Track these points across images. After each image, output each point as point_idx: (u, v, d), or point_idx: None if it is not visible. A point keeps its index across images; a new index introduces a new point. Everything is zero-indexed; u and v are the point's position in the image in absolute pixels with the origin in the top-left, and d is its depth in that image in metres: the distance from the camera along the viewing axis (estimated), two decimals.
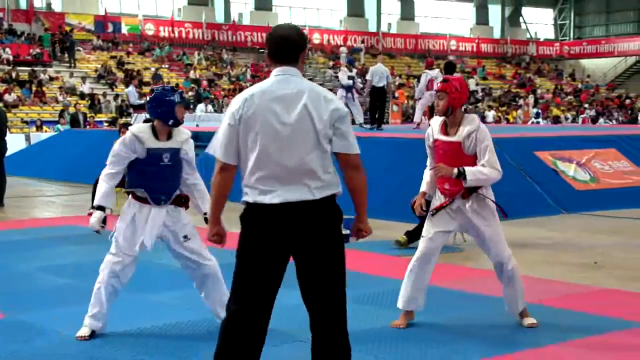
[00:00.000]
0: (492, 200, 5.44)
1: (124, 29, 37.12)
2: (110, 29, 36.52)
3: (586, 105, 41.70)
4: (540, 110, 36.42)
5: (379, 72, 15.75)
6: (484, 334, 5.36)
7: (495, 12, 50.43)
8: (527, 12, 52.78)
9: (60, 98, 29.62)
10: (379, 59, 16.81)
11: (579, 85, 46.39)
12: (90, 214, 5.81)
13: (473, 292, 6.64)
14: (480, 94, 39.90)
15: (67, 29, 34.66)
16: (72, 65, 32.94)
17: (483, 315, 5.83)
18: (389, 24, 46.63)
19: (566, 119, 38.00)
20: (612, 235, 10.02)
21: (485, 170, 5.27)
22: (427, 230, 5.59)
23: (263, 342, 3.72)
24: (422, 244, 5.60)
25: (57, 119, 26.99)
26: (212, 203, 3.87)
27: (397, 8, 46.94)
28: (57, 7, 36.85)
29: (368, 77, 15.78)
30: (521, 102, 38.19)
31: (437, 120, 5.59)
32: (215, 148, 3.76)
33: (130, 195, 5.55)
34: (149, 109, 5.44)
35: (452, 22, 49.49)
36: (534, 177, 12.35)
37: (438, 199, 5.54)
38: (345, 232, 3.88)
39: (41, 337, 5.35)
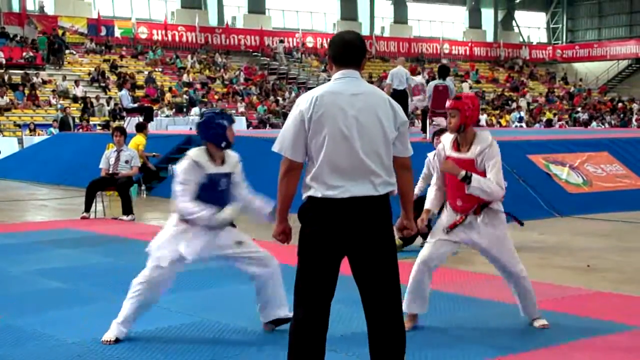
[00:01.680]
0: (507, 213, 5.48)
1: (117, 32, 37.08)
2: (103, 32, 36.49)
3: (579, 109, 41.83)
4: (522, 114, 36.40)
5: (399, 75, 15.68)
6: (480, 337, 5.37)
7: (488, 16, 50.56)
8: (520, 15, 52.92)
9: (54, 101, 29.56)
10: (399, 61, 16.71)
11: (572, 89, 46.52)
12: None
13: (468, 295, 6.64)
14: None
15: (60, 31, 34.62)
16: (59, 67, 32.83)
17: (478, 319, 5.83)
18: (382, 28, 46.70)
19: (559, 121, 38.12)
20: (605, 238, 10.04)
21: (491, 185, 5.28)
22: (433, 235, 5.61)
23: (325, 343, 3.87)
24: (425, 249, 5.60)
25: (50, 122, 26.94)
26: (280, 201, 3.94)
27: (390, 11, 47.01)
28: (49, 10, 36.79)
29: (388, 80, 15.70)
30: (514, 105, 38.29)
31: (448, 137, 5.60)
32: (284, 147, 3.83)
33: (176, 219, 5.50)
34: (201, 132, 5.51)
35: (445, 26, 49.60)
36: (527, 180, 12.38)
37: (449, 216, 5.53)
38: None
39: (33, 341, 5.33)
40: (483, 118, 34.76)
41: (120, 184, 12.08)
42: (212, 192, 5.33)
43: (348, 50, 3.87)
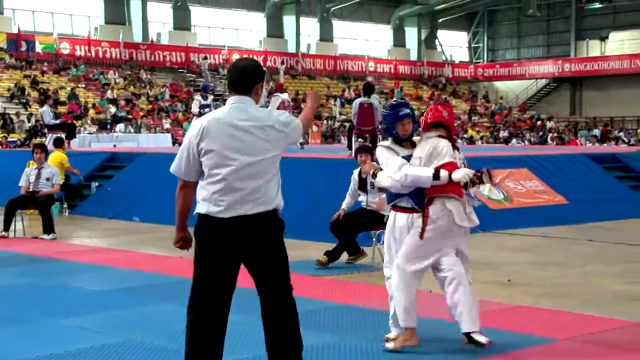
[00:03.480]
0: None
1: (38, 48, 36.26)
2: (23, 47, 35.61)
3: (500, 127, 42.83)
4: None
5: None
6: (401, 352, 5.41)
7: (411, 35, 51.40)
8: (443, 35, 53.98)
9: None
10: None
11: (493, 107, 47.61)
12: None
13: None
14: None
15: None
16: None
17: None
18: (308, 45, 46.97)
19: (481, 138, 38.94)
20: (525, 253, 10.28)
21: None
22: None
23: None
24: None
25: None
26: (178, 212, 4.39)
27: (316, 29, 47.34)
28: None
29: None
30: None
31: None
32: (179, 170, 4.28)
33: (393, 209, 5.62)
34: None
35: (370, 44, 50.21)
36: None
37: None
38: None
39: None
40: None
41: (40, 202, 11.81)
42: None
43: (240, 78, 4.25)
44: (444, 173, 5.42)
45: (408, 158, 5.49)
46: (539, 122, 43.84)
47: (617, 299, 7.39)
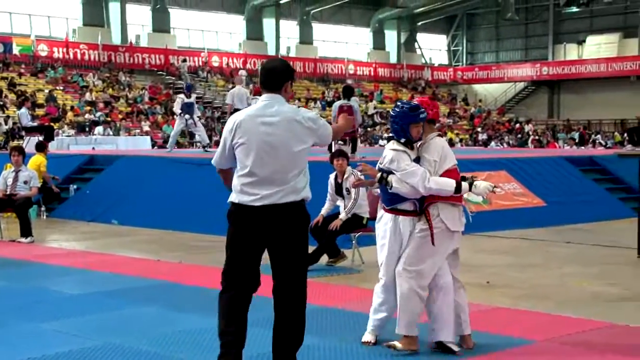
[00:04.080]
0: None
1: (16, 50, 35.96)
2: (0, 49, 35.35)
3: (479, 129, 43.04)
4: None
5: (239, 95, 16.44)
6: (381, 354, 5.43)
7: (391, 38, 51.53)
8: (422, 38, 54.17)
9: None
10: (237, 81, 17.63)
11: (472, 110, 47.85)
12: None
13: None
14: (378, 117, 40.64)
15: None
16: None
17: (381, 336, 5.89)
18: (288, 48, 46.95)
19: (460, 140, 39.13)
20: (504, 255, 10.35)
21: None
22: None
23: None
24: None
25: None
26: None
27: (295, 32, 47.34)
28: None
29: (228, 100, 16.77)
30: None
31: None
32: (215, 160, 4.83)
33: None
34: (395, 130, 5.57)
35: (350, 47, 50.29)
36: None
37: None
38: None
39: None
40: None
41: (18, 205, 11.72)
42: None
43: (268, 78, 4.64)
44: (465, 186, 5.50)
45: (416, 161, 5.46)
46: (517, 125, 44.11)
47: (594, 301, 7.46)
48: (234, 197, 4.64)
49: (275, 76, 4.64)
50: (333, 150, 10.08)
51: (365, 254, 9.34)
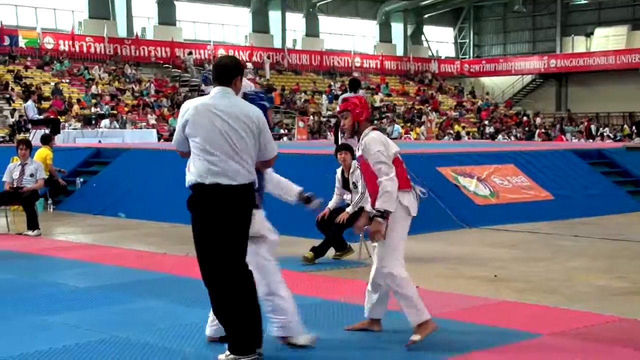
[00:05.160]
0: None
1: (22, 42, 36.00)
2: (6, 42, 35.35)
3: (486, 122, 42.94)
4: (400, 127, 36.77)
5: (244, 89, 16.33)
6: (389, 348, 5.41)
7: (398, 30, 51.42)
8: (429, 30, 54.04)
9: None
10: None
11: (479, 103, 47.72)
12: None
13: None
14: (385, 110, 40.56)
15: None
16: None
17: (389, 330, 5.87)
18: (294, 40, 46.90)
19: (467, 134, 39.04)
20: (511, 248, 10.31)
21: (382, 186, 5.34)
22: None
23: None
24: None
25: None
26: None
27: (302, 25, 47.27)
28: None
29: None
30: (424, 118, 38.99)
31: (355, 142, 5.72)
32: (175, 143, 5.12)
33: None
34: None
35: (357, 39, 50.19)
36: (437, 192, 12.60)
37: None
38: None
39: None
40: (397, 128, 35.08)
41: (24, 198, 11.73)
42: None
43: (221, 73, 4.95)
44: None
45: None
46: (525, 118, 43.98)
47: (602, 294, 7.42)
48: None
49: (227, 71, 4.94)
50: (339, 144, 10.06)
51: (372, 248, 9.30)
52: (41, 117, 22.13)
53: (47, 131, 18.34)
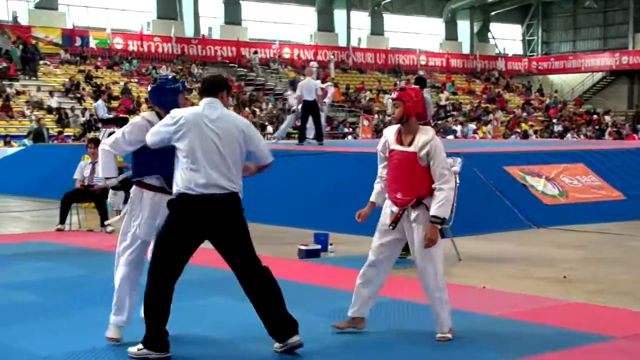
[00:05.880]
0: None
1: (92, 43, 36.86)
2: (78, 42, 36.23)
3: (554, 121, 42.17)
4: (474, 126, 36.45)
5: (308, 87, 16.63)
6: (444, 346, 5.35)
7: (464, 28, 50.91)
8: (496, 27, 53.35)
9: (27, 112, 29.29)
10: (307, 72, 17.66)
11: (547, 101, 46.90)
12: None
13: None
14: (450, 109, 40.20)
15: (33, 42, 34.34)
16: (28, 77, 32.44)
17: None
18: (359, 39, 46.85)
19: (535, 132, 38.40)
20: (581, 249, 10.09)
21: (445, 194, 5.34)
22: (374, 240, 5.68)
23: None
24: (369, 254, 5.68)
25: (24, 133, 26.67)
26: None
27: (367, 23, 47.20)
28: (23, 20, 36.51)
29: (298, 92, 17.03)
30: (490, 117, 38.51)
31: (391, 130, 5.64)
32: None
33: (138, 186, 5.73)
34: (152, 98, 5.63)
35: (422, 38, 49.86)
36: (504, 191, 12.42)
37: (389, 209, 5.58)
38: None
39: (1, 355, 5.23)
40: (459, 129, 34.81)
41: (97, 196, 11.97)
42: (169, 153, 5.16)
43: (208, 87, 5.18)
44: None
45: None
46: (595, 117, 43.02)
47: None
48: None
49: (214, 86, 5.18)
50: None
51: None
52: (111, 116, 22.54)
53: (115, 130, 18.69)
